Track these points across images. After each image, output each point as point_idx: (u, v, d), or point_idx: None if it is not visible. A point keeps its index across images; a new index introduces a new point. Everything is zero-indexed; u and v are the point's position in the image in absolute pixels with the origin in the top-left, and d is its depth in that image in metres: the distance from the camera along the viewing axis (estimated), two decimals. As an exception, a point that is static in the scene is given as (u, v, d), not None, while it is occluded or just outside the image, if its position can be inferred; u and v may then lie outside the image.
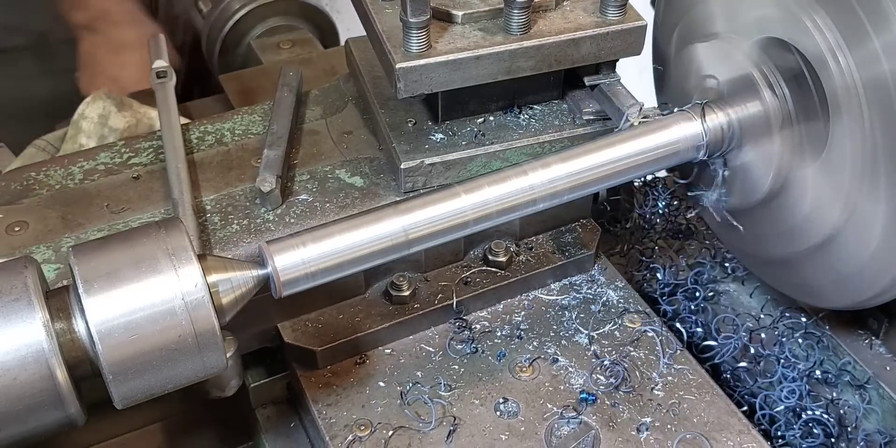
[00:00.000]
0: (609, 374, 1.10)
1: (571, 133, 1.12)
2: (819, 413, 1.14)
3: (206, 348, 0.82)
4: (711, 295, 1.32)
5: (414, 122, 1.12)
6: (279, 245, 0.91)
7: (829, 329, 1.20)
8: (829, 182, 1.01)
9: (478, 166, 1.10)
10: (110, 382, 0.81)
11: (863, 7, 0.91)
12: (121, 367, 0.80)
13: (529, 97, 1.15)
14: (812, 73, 0.99)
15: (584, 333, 1.15)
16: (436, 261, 1.17)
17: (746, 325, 1.23)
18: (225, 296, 0.85)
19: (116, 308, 0.79)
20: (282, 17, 1.85)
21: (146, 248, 0.82)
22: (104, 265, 0.81)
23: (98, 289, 0.79)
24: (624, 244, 1.37)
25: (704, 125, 1.07)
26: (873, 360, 1.17)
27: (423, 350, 1.13)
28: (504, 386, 1.08)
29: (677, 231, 1.40)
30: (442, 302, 1.14)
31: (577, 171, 1.02)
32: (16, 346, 0.78)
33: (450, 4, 1.04)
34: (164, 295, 0.80)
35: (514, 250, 1.21)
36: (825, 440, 1.14)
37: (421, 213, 0.96)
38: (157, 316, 0.80)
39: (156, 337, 0.80)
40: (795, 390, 1.15)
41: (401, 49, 1.00)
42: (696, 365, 1.11)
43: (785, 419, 1.15)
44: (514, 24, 1.02)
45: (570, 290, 1.21)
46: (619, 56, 1.07)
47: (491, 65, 1.02)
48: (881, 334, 1.18)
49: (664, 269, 1.30)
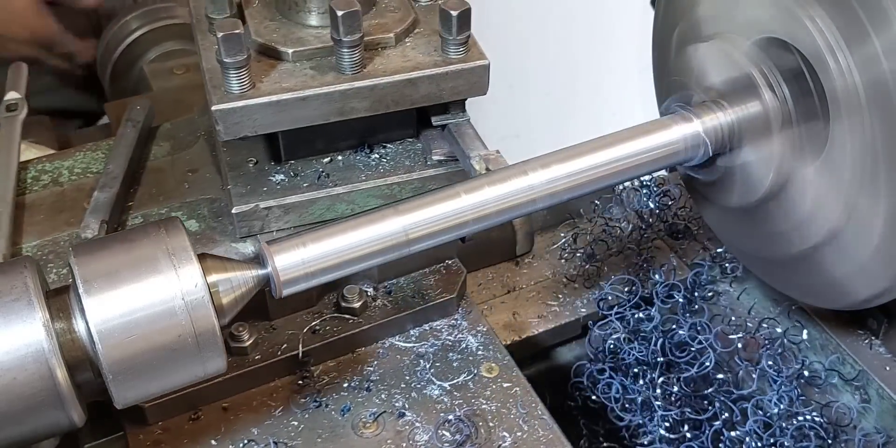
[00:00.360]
0: (455, 430, 1.04)
1: (421, 174, 1.07)
2: (812, 416, 1.14)
3: (206, 348, 0.83)
4: (710, 295, 1.31)
5: (255, 162, 1.07)
6: (279, 245, 0.90)
7: (828, 329, 1.20)
8: (829, 182, 1.00)
9: (321, 209, 1.05)
10: (110, 382, 0.81)
11: (863, 7, 0.90)
12: (120, 366, 0.80)
13: (381, 136, 1.09)
14: (812, 73, 0.99)
15: (437, 385, 1.09)
16: (284, 308, 1.11)
17: (747, 325, 1.23)
18: (225, 296, 0.85)
19: (116, 308, 0.80)
20: (178, 40, 1.77)
21: (146, 248, 0.83)
22: (104, 265, 0.81)
23: (98, 289, 0.80)
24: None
25: (704, 125, 1.06)
26: (873, 360, 1.17)
27: (263, 404, 1.07)
28: (344, 444, 1.02)
29: (675, 231, 1.39)
30: (286, 352, 1.08)
31: (576, 171, 1.01)
32: (16, 345, 0.79)
33: (281, 41, 0.98)
34: (164, 295, 0.81)
35: (372, 295, 1.15)
36: (820, 443, 1.13)
37: (421, 213, 0.96)
38: (156, 316, 0.80)
39: (156, 337, 0.81)
40: (784, 397, 1.16)
41: (221, 89, 0.94)
42: (549, 419, 1.05)
43: (778, 424, 1.14)
44: (346, 62, 0.96)
45: (430, 336, 1.15)
46: (463, 96, 1.02)
47: (321, 105, 0.96)
48: (881, 334, 1.18)
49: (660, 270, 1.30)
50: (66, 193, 1.10)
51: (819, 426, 1.14)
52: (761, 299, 1.29)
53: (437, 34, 1.00)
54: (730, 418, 1.17)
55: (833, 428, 1.16)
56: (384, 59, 0.99)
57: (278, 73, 0.97)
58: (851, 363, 1.17)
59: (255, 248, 1.04)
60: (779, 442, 1.13)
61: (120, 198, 1.07)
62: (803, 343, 1.22)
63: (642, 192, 1.39)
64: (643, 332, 1.25)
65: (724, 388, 1.20)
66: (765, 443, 1.14)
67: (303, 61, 0.98)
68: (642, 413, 1.20)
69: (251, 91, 0.94)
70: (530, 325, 1.28)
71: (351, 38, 0.93)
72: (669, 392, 1.19)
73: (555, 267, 1.36)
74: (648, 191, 1.39)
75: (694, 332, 1.23)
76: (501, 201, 0.98)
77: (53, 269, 1.01)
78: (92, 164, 1.14)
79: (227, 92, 0.94)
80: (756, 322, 1.25)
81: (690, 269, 1.33)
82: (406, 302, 1.15)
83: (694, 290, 1.30)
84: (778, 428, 1.14)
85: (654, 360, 1.21)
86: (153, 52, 1.75)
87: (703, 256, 1.35)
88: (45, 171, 1.13)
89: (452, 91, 1.00)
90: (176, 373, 0.83)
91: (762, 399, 1.17)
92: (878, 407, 1.15)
